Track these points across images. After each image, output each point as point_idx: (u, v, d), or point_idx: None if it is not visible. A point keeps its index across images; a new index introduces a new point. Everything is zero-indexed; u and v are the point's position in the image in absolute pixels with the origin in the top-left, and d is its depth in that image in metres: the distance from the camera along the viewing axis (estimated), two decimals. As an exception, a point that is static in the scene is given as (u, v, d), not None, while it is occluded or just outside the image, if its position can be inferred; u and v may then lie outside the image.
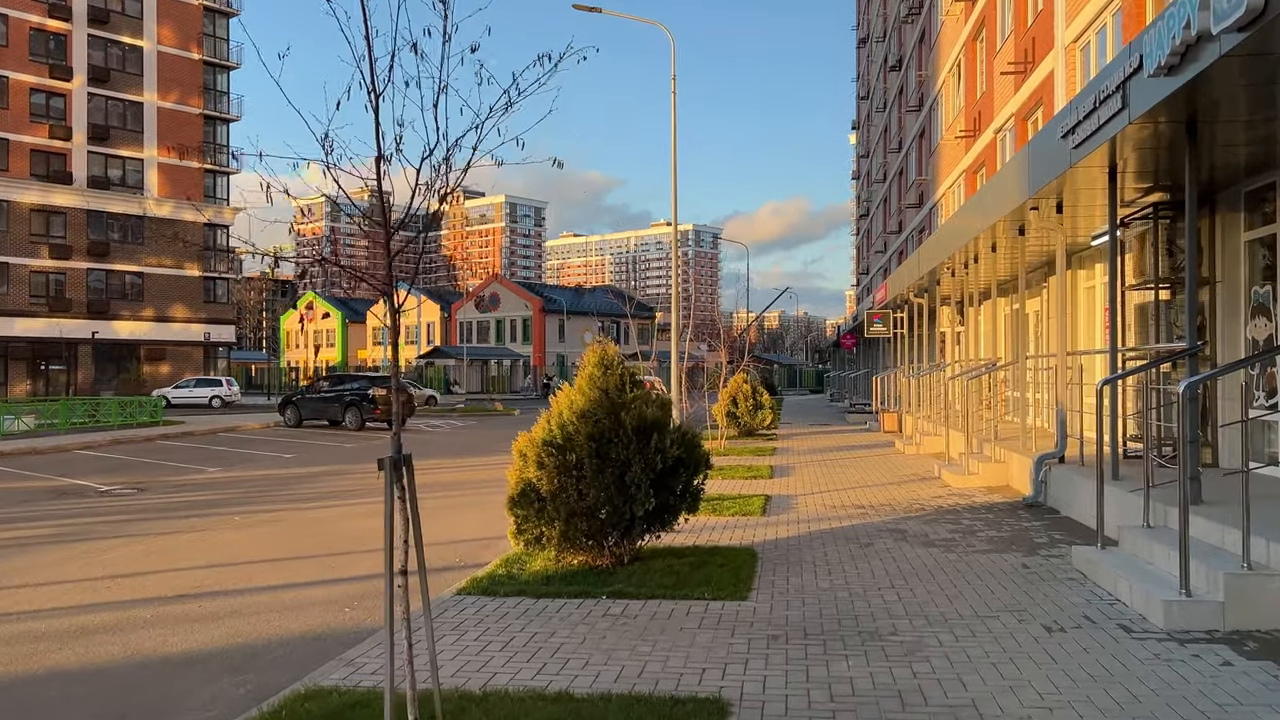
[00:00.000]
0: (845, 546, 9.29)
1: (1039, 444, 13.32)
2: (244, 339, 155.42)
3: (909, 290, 23.29)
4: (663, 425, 8.06)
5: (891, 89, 44.06)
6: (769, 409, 24.65)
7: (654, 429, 8.01)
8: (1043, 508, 11.42)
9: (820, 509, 11.93)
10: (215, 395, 50.75)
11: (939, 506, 11.86)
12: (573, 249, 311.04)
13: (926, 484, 14.27)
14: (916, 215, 36.03)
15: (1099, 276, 15.47)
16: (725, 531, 10.30)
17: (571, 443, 7.95)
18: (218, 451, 23.81)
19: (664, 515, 8.24)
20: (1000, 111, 22.18)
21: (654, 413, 8.09)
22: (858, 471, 16.35)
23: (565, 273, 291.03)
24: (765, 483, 14.83)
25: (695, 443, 8.33)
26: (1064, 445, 11.43)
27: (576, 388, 8.33)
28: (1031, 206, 11.47)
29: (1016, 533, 9.79)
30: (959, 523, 10.53)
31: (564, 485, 7.92)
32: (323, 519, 12.92)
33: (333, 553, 10.31)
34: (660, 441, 7.95)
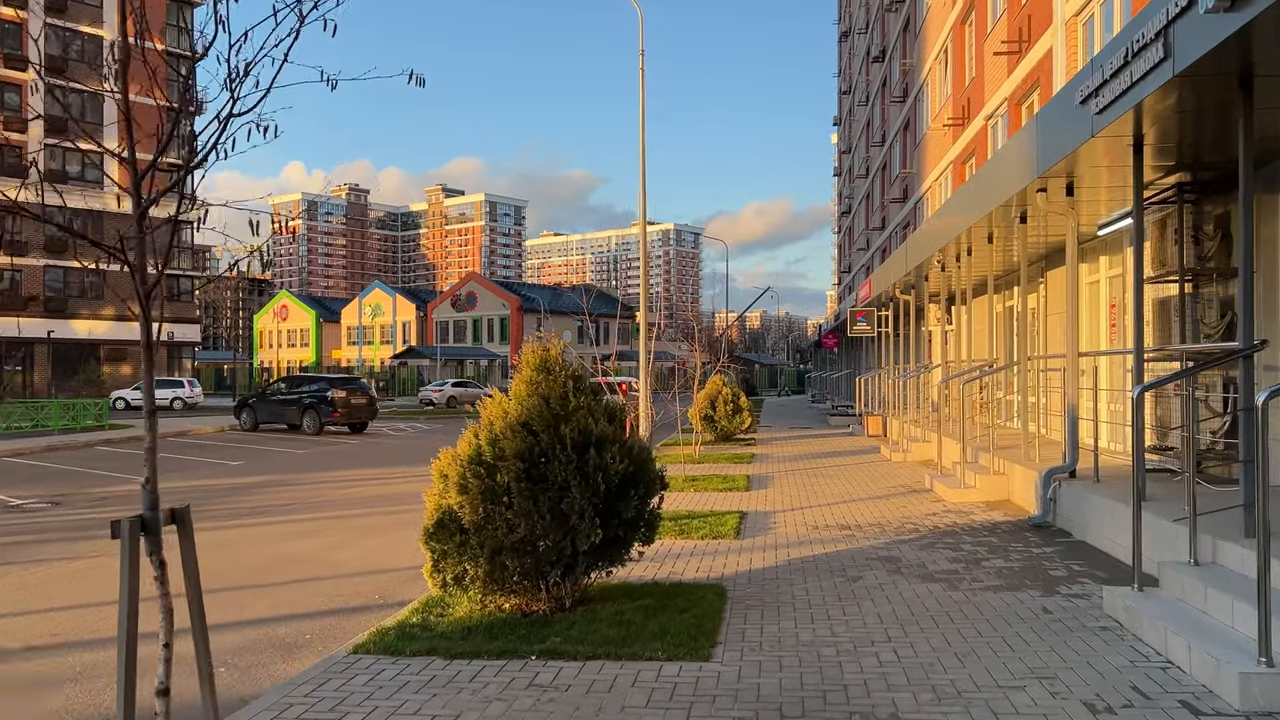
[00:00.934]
0: (830, 580, 7.92)
1: (1042, 454, 12.03)
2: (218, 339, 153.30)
3: (895, 287, 22.00)
4: (606, 439, 6.66)
5: (874, 81, 42.86)
6: (747, 412, 23.32)
7: (597, 443, 6.61)
8: (1052, 529, 10.10)
9: (801, 530, 10.57)
10: (177, 397, 48.96)
11: (935, 527, 10.53)
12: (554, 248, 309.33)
13: (918, 498, 12.95)
14: (901, 210, 34.81)
15: (1104, 270, 14.21)
16: (692, 560, 8.92)
17: (501, 461, 6.55)
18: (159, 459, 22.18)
19: (613, 549, 6.85)
20: (992, 97, 20.92)
21: (600, 425, 6.69)
22: (842, 482, 15.01)
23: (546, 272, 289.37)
24: (741, 496, 13.46)
25: (645, 457, 6.93)
26: (1075, 458, 10.13)
27: (512, 393, 6.94)
28: (1039, 189, 10.15)
29: (1028, 562, 8.46)
30: (959, 548, 9.19)
31: (490, 514, 6.52)
32: (238, 540, 11.46)
33: (229, 586, 8.86)
34: (600, 458, 6.55)
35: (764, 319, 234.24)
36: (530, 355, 6.98)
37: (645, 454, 6.93)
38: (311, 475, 18.82)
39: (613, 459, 6.61)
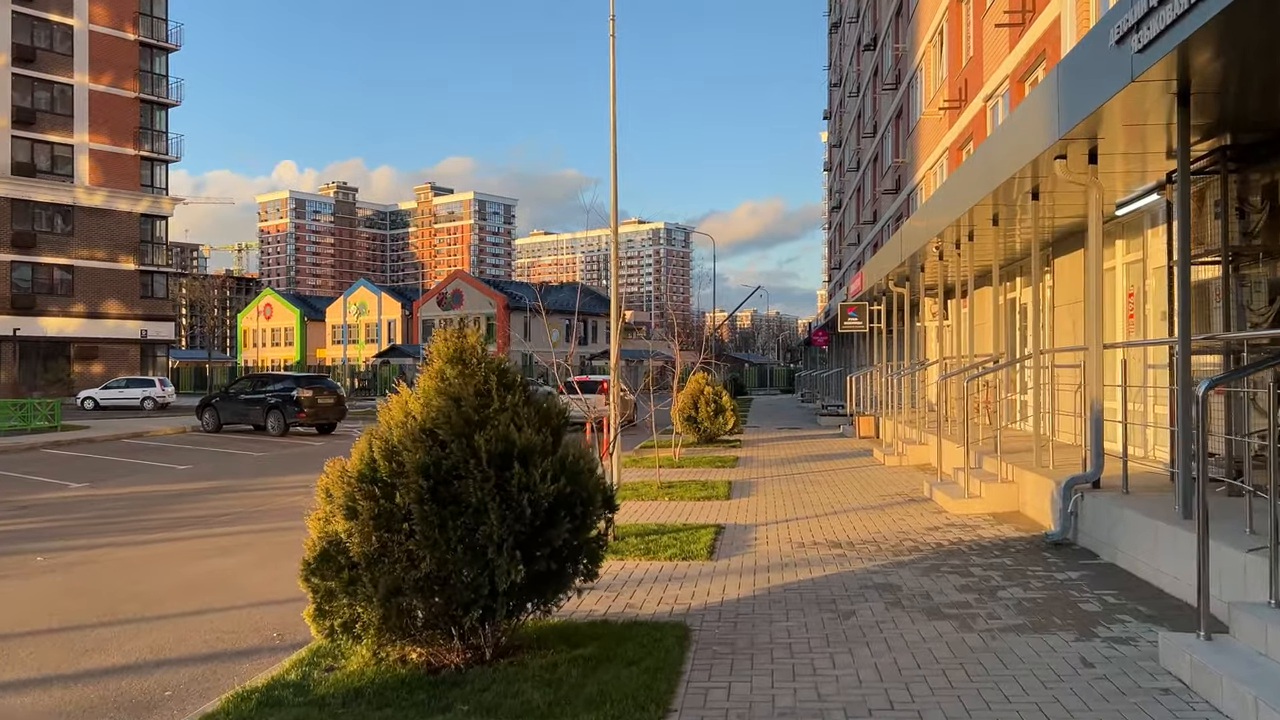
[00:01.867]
0: (816, 616, 6.56)
1: (1056, 460, 10.70)
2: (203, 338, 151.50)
3: (888, 279, 20.68)
4: (534, 450, 5.28)
5: (865, 71, 41.57)
6: (731, 412, 21.96)
7: (521, 457, 5.24)
8: (1073, 548, 8.76)
9: (785, 547, 9.21)
10: (148, 396, 47.26)
11: (938, 545, 9.18)
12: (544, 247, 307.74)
13: (916, 509, 11.61)
14: (893, 202, 33.51)
15: (1120, 256, 12.90)
16: (655, 588, 7.55)
17: (400, 479, 5.18)
18: (103, 463, 20.76)
19: (544, 586, 5.48)
20: (991, 76, 19.61)
21: (527, 434, 5.31)
22: (832, 490, 13.67)
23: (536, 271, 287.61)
24: (720, 506, 12.11)
25: (584, 471, 5.55)
26: (1100, 465, 8.79)
27: (420, 392, 5.57)
28: (1057, 155, 8.81)
29: (1052, 592, 7.11)
30: (969, 573, 7.84)
31: (386, 544, 5.15)
32: (151, 559, 10.06)
33: (115, 620, 7.47)
34: (526, 475, 5.18)
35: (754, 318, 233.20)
36: (441, 345, 5.60)
37: (584, 467, 5.55)
38: (262, 480, 17.40)
39: (543, 476, 5.24)
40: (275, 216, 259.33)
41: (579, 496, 5.45)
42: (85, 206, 54.54)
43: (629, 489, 13.66)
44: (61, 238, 53.80)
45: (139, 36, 57.39)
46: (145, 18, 58.10)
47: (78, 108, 54.66)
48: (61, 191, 53.66)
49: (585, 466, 5.56)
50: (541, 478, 5.23)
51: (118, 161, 56.27)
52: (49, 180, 53.37)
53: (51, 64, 53.62)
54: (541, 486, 5.20)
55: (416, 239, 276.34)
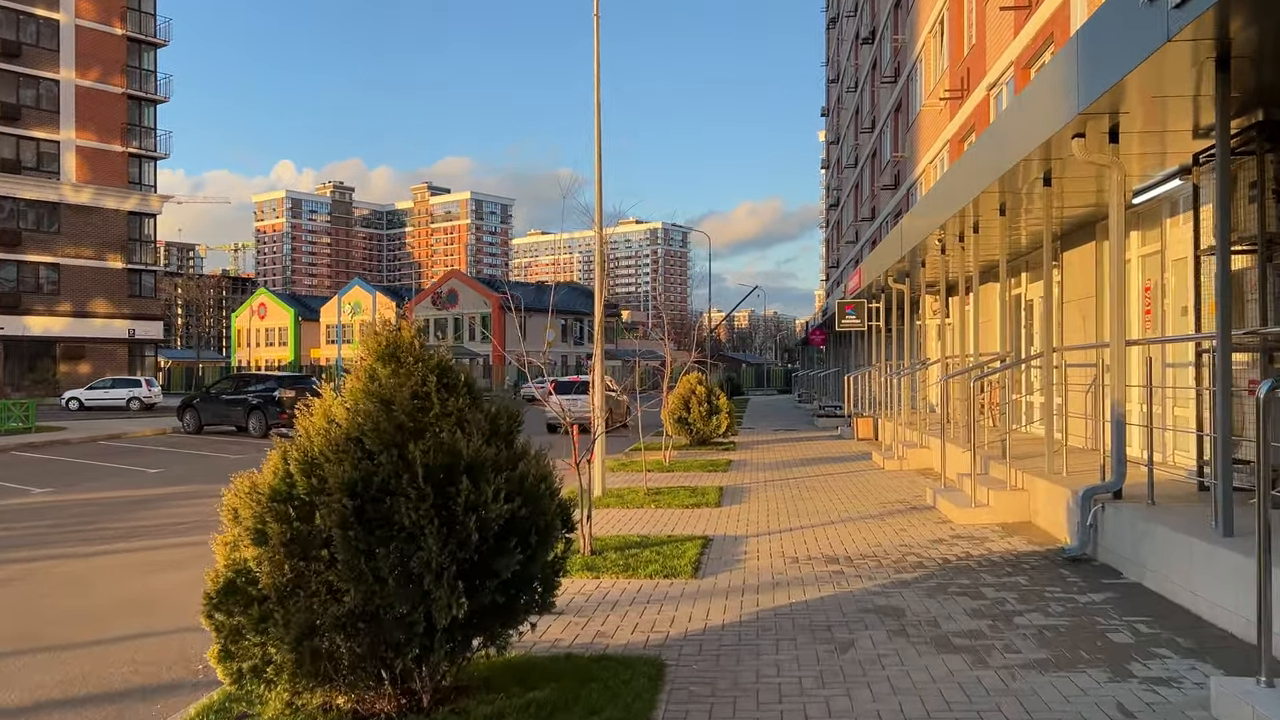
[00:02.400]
0: (810, 649, 5.79)
1: (1070, 466, 9.94)
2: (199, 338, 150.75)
3: (887, 275, 19.93)
4: (482, 464, 4.51)
5: (864, 65, 40.81)
6: (725, 414, 21.18)
7: (469, 471, 4.46)
8: (1092, 564, 7.99)
9: (777, 563, 8.44)
10: (134, 397, 46.42)
11: (944, 560, 8.41)
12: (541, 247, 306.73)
13: (919, 518, 10.84)
14: (892, 198, 32.76)
15: (1135, 248, 12.13)
16: (632, 612, 6.78)
17: (321, 497, 4.40)
18: (73, 466, 19.97)
19: (493, 620, 4.70)
20: (995, 63, 18.84)
21: (474, 445, 4.53)
22: (829, 496, 12.89)
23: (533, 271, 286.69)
24: (710, 514, 11.34)
25: (542, 490, 4.77)
26: (1122, 474, 8.02)
27: (347, 394, 4.79)
28: (1075, 134, 8.05)
29: (1075, 618, 6.34)
30: (980, 594, 7.07)
31: (302, 575, 4.37)
32: (97, 573, 9.29)
33: (38, 647, 6.69)
34: (474, 494, 4.40)
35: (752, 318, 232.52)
36: (371, 340, 4.82)
37: (542, 484, 4.77)
38: (232, 486, 16.59)
39: (495, 494, 4.46)
40: (271, 216, 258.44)
41: (535, 521, 4.67)
42: (72, 204, 53.66)
43: (614, 495, 12.90)
44: (48, 235, 52.93)
45: (127, 31, 56.53)
46: (133, 13, 57.21)
47: (64, 103, 53.79)
48: (47, 188, 52.79)
49: (546, 486, 4.78)
50: (494, 496, 4.44)
51: (105, 158, 55.40)
52: (35, 177, 52.50)
53: (37, 59, 52.76)
54: (493, 507, 4.42)
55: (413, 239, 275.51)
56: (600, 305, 13.25)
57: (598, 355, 13.12)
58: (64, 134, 53.75)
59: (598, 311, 13.12)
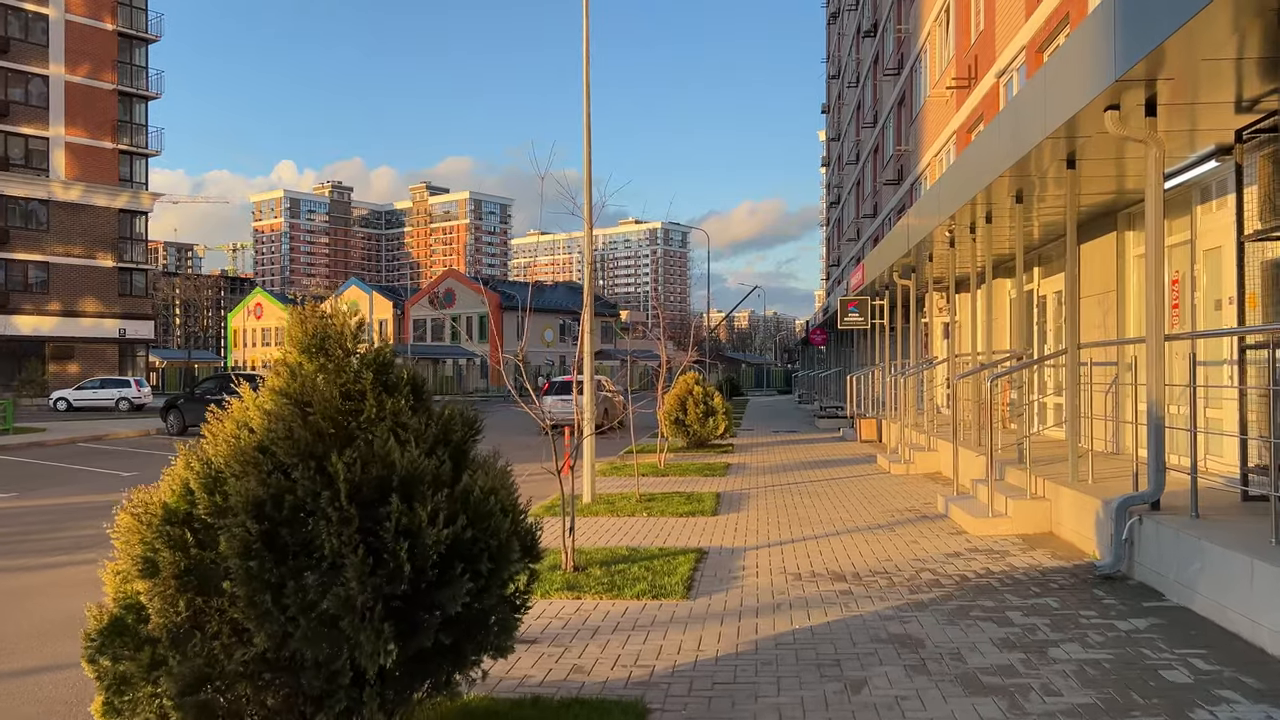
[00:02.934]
0: (816, 689, 5.00)
1: (1095, 472, 9.15)
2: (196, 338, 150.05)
3: (892, 270, 19.14)
4: (419, 479, 3.71)
5: (865, 59, 40.03)
6: (722, 414, 20.38)
7: (402, 487, 3.67)
8: (1128, 583, 7.20)
9: (778, 581, 7.65)
10: (123, 397, 45.68)
11: (962, 577, 7.62)
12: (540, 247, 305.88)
13: (931, 528, 10.05)
14: (895, 193, 31.98)
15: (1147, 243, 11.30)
16: (615, 640, 5.99)
17: (224, 518, 3.61)
18: (44, 469, 19.17)
19: (436, 665, 3.91)
20: (1005, 49, 18.06)
21: (410, 455, 3.73)
22: (833, 504, 12.10)
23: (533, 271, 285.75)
24: (705, 524, 10.55)
25: (495, 510, 3.96)
26: (1160, 483, 7.23)
27: (265, 394, 4.00)
28: (1108, 106, 7.27)
29: (1119, 650, 5.55)
30: (1006, 620, 6.27)
31: (200, 613, 3.59)
32: (24, 593, 8.48)
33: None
34: (408, 514, 3.61)
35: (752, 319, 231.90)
36: (296, 328, 4.03)
37: (498, 505, 3.97)
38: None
39: (433, 515, 3.67)
40: (270, 216, 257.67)
41: (486, 544, 3.87)
42: (61, 201, 52.84)
43: (604, 502, 12.12)
44: (36, 233, 52.10)
45: (117, 27, 55.72)
46: (124, 8, 56.41)
47: (53, 100, 52.98)
48: (37, 186, 51.98)
49: (499, 503, 3.98)
50: (430, 518, 3.65)
51: (95, 155, 54.60)
52: (23, 174, 51.68)
53: (26, 54, 51.94)
54: (429, 532, 3.63)
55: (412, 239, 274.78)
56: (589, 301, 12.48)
57: (587, 354, 12.34)
58: (53, 130, 52.94)
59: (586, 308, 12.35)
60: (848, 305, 24.21)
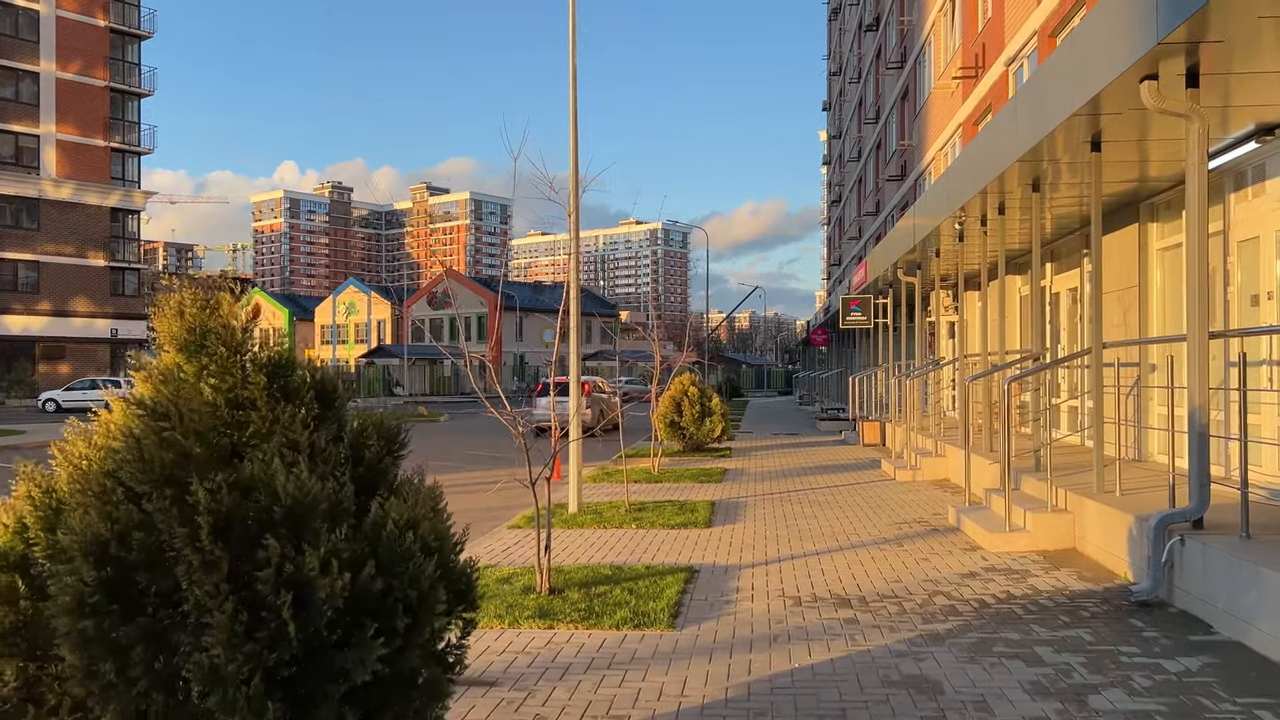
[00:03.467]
0: (820, 750, 4.22)
1: (1124, 482, 8.35)
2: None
3: (896, 267, 18.36)
4: (309, 511, 2.91)
5: (867, 53, 39.24)
6: (719, 416, 19.59)
7: (289, 522, 2.88)
8: (1169, 611, 6.40)
9: (775, 607, 6.86)
10: (113, 398, 44.87)
11: (981, 603, 6.82)
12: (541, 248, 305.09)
13: (943, 543, 9.25)
14: (898, 190, 31.19)
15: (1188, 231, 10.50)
16: (586, 681, 5.21)
17: (61, 563, 2.81)
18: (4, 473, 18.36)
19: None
20: (1015, 35, 17.27)
21: (299, 477, 2.93)
22: (836, 514, 11.31)
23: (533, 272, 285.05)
24: (698, 537, 9.76)
25: (409, 546, 3.13)
26: (1204, 498, 6.44)
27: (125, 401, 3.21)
28: (1144, 76, 6.48)
29: (1170, 697, 4.76)
30: (1035, 656, 5.48)
31: (35, 684, 2.80)
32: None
33: None
34: (294, 561, 2.81)
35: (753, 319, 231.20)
36: (172, 322, 3.24)
37: (418, 544, 3.16)
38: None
39: (326, 561, 2.87)
40: (269, 216, 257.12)
41: (404, 595, 3.08)
42: (52, 199, 52.11)
43: (591, 512, 11.33)
44: (26, 232, 51.37)
45: (109, 23, 54.98)
46: (116, 4, 55.62)
47: (44, 96, 52.25)
48: (27, 184, 51.24)
49: (420, 539, 3.18)
50: (324, 564, 2.85)
51: (86, 153, 53.85)
52: (13, 172, 50.94)
53: (16, 51, 51.20)
54: (322, 582, 2.83)
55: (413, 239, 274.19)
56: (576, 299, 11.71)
57: (574, 354, 11.57)
58: (44, 128, 52.20)
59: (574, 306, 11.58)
60: (850, 304, 23.44)
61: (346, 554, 2.91)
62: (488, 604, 6.83)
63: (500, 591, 7.26)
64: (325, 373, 3.45)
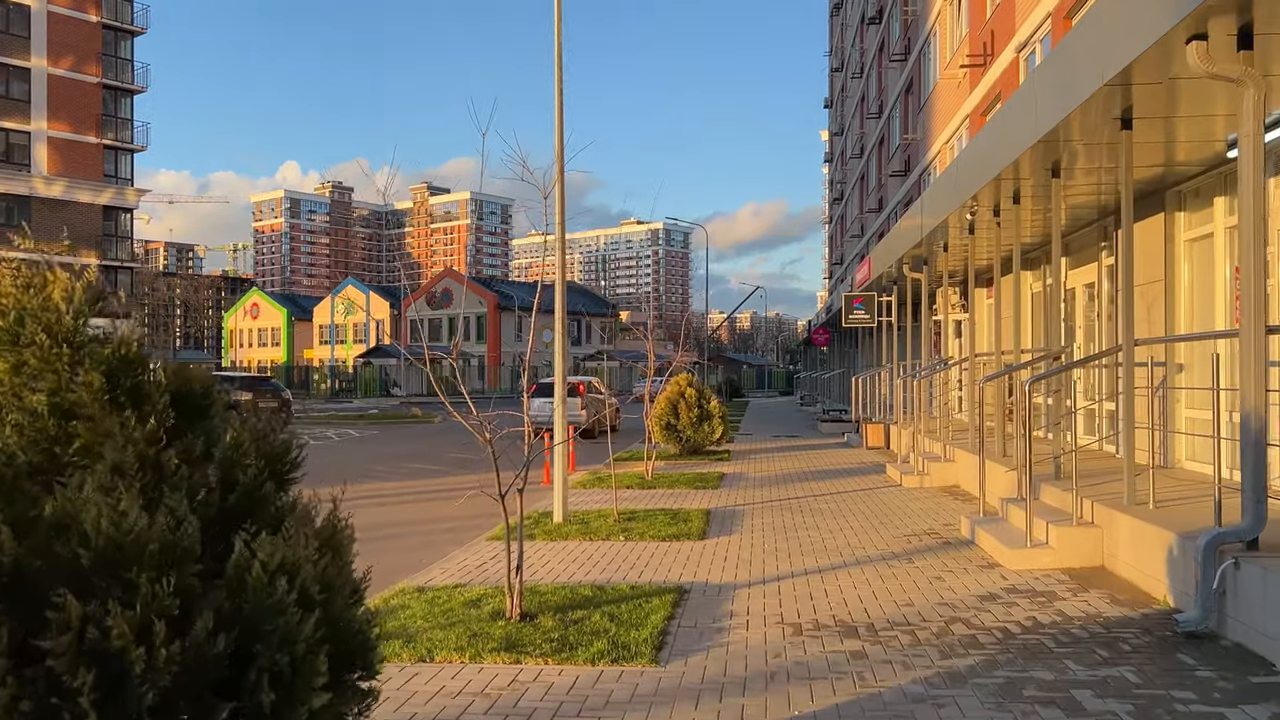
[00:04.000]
0: (825, 833, 3.44)
1: (1157, 493, 7.58)
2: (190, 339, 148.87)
3: (902, 263, 17.59)
4: (138, 555, 2.15)
5: (870, 47, 38.47)
6: (718, 419, 18.82)
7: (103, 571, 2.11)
8: (1221, 644, 5.63)
9: (773, 636, 6.09)
10: (102, 399, 44.20)
11: (1004, 632, 6.05)
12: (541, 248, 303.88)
13: (957, 559, 8.48)
14: (901, 185, 30.42)
15: (1220, 219, 9.76)
16: (547, 736, 4.44)
17: None
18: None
19: None
20: (1027, 19, 16.49)
21: (115, 518, 2.17)
22: (840, 524, 10.54)
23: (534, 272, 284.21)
24: (690, 551, 9.00)
25: (284, 602, 2.36)
26: (1260, 516, 5.67)
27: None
28: (1191, 35, 5.72)
29: (1244, 762, 3.99)
30: (1073, 700, 4.72)
31: None
32: None
33: None
34: (97, 628, 2.05)
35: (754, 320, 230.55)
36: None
37: (290, 590, 2.39)
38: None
39: (147, 619, 2.10)
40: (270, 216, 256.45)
41: (270, 662, 2.31)
42: (43, 197, 51.36)
43: (577, 522, 10.57)
44: (18, 230, 50.61)
45: (102, 18, 54.22)
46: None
47: (35, 93, 51.50)
48: (18, 181, 50.48)
49: (299, 590, 2.41)
50: (139, 628, 2.08)
51: (78, 150, 53.10)
52: (4, 169, 50.16)
53: (6, 46, 50.46)
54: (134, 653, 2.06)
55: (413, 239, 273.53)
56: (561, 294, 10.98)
57: (558, 352, 10.82)
58: (35, 124, 51.45)
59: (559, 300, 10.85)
60: (853, 302, 22.67)
61: (178, 611, 2.15)
62: (449, 633, 6.08)
63: (465, 617, 6.50)
64: (194, 373, 2.69)
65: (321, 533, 2.63)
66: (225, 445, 2.61)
